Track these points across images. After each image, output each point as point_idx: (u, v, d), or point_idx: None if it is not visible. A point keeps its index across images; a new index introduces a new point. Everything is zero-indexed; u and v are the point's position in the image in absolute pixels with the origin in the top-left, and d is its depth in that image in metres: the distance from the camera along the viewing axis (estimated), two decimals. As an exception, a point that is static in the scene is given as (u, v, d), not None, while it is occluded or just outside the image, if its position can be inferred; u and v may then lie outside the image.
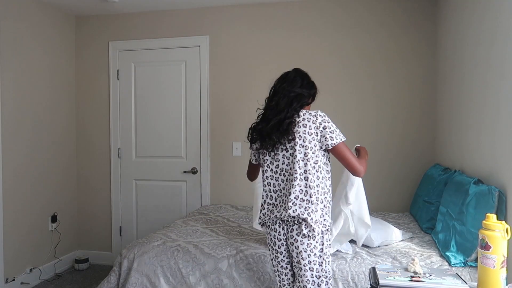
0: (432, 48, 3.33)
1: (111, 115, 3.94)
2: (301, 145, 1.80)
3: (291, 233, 1.79)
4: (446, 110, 3.05)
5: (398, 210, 3.38)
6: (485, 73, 2.27)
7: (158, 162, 3.87)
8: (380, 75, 3.42)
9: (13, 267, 3.25)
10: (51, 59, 3.69)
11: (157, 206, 3.87)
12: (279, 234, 1.84)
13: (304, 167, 1.79)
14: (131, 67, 3.90)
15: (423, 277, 1.47)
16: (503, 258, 1.39)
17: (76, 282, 3.55)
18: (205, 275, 2.18)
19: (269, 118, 1.87)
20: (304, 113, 1.84)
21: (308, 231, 1.76)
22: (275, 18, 3.59)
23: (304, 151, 1.79)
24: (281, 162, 1.86)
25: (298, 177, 1.78)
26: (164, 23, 3.81)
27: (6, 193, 3.19)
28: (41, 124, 3.57)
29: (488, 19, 2.24)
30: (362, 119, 3.46)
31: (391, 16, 3.39)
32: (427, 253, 2.24)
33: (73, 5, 3.66)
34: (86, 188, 4.04)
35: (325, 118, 1.83)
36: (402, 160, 3.39)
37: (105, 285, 2.34)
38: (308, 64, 3.49)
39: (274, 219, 1.85)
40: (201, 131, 3.76)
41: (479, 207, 2.02)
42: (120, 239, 3.96)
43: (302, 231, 1.76)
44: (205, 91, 3.74)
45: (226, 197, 3.72)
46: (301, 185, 1.78)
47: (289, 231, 1.81)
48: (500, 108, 2.05)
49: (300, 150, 1.80)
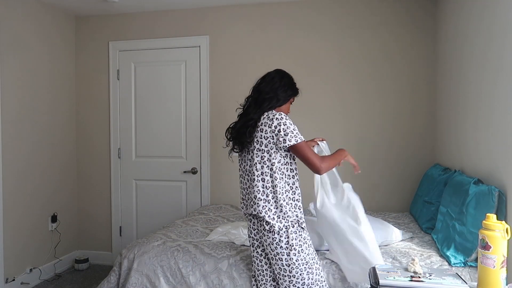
0: (433, 48, 3.33)
1: (111, 115, 3.94)
2: (258, 149, 1.90)
3: (260, 227, 1.95)
4: (446, 110, 3.05)
5: (398, 210, 3.38)
6: (485, 73, 2.27)
7: (158, 162, 3.87)
8: (381, 74, 3.42)
9: (13, 267, 3.25)
10: (51, 59, 3.69)
11: (157, 206, 3.87)
12: (253, 224, 2.00)
13: (261, 169, 1.90)
14: (131, 67, 3.90)
15: (423, 277, 1.47)
16: (503, 258, 1.39)
17: (76, 282, 3.55)
18: (205, 275, 2.18)
19: (239, 119, 2.00)
20: (263, 117, 1.91)
21: (270, 227, 1.89)
22: (275, 18, 3.59)
23: (261, 154, 1.90)
24: (245, 163, 2.00)
25: (256, 178, 1.91)
26: (164, 23, 3.81)
27: (7, 193, 3.19)
28: (41, 124, 3.57)
29: (488, 18, 2.25)
30: (362, 120, 3.45)
31: (392, 14, 3.39)
32: (427, 253, 2.23)
33: (73, 5, 3.66)
34: (86, 188, 4.04)
35: (282, 121, 1.85)
36: (402, 160, 3.39)
37: (105, 285, 2.34)
38: (309, 64, 3.51)
39: (246, 214, 2.02)
40: (201, 131, 3.76)
41: (479, 207, 2.02)
42: (120, 239, 3.96)
43: (265, 227, 1.91)
44: (205, 91, 3.74)
45: (226, 197, 3.72)
46: (258, 186, 1.90)
47: (258, 226, 1.97)
48: (500, 108, 2.05)
49: (257, 153, 1.90)
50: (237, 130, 1.97)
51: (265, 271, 2.01)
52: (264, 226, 1.90)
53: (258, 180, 1.90)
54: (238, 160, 2.07)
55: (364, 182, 3.45)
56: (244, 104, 2.03)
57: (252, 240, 2.02)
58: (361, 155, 3.44)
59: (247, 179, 1.98)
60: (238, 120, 2.02)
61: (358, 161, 3.42)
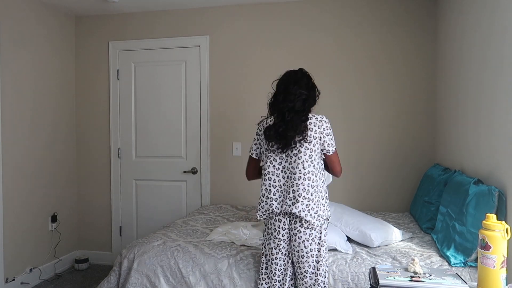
0: (433, 48, 3.33)
1: (111, 115, 3.94)
2: (306, 147, 1.95)
3: (294, 224, 1.95)
4: (446, 110, 3.05)
5: (398, 210, 3.38)
6: (485, 73, 2.26)
7: (158, 162, 3.87)
8: (382, 74, 3.42)
9: (13, 267, 3.25)
10: (51, 59, 3.69)
11: (157, 206, 3.87)
12: (283, 224, 1.97)
13: (308, 168, 1.94)
14: (131, 67, 3.90)
15: (423, 277, 1.47)
16: (503, 258, 1.39)
17: (76, 282, 3.55)
18: (205, 275, 2.18)
19: (288, 120, 1.95)
20: (311, 117, 1.98)
21: (308, 224, 1.93)
22: (275, 17, 3.59)
23: (309, 153, 1.95)
24: (284, 161, 1.98)
25: (302, 176, 1.93)
26: (164, 23, 3.81)
27: (6, 193, 3.19)
28: (41, 124, 3.57)
29: (488, 18, 2.25)
30: (362, 120, 3.46)
31: (393, 14, 3.39)
32: (427, 253, 2.23)
33: (73, 5, 3.66)
34: (86, 188, 4.04)
35: (329, 125, 2.00)
36: (402, 160, 3.39)
37: (105, 285, 2.35)
38: (309, 64, 3.49)
39: (276, 212, 1.97)
40: (201, 131, 3.76)
41: (479, 207, 2.02)
42: (120, 239, 3.96)
43: (302, 224, 1.93)
44: (205, 91, 3.74)
45: (226, 197, 3.72)
46: (304, 184, 1.92)
47: (292, 223, 1.96)
48: (500, 108, 2.05)
49: (305, 152, 1.95)
50: (292, 129, 1.93)
51: (289, 273, 2.00)
52: (301, 223, 1.93)
53: (304, 178, 1.92)
54: (269, 156, 1.99)
55: (364, 182, 3.46)
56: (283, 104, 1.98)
57: (278, 241, 1.98)
58: (362, 154, 3.45)
59: (287, 177, 1.96)
60: (282, 120, 1.96)
61: (358, 160, 3.46)
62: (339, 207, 2.64)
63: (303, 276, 1.96)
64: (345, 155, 3.45)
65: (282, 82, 2.04)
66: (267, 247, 2.04)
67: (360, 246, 2.36)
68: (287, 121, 1.95)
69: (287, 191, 1.95)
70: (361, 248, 2.32)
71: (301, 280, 1.97)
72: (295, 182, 1.93)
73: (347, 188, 3.48)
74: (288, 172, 1.96)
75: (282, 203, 1.96)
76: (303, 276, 1.96)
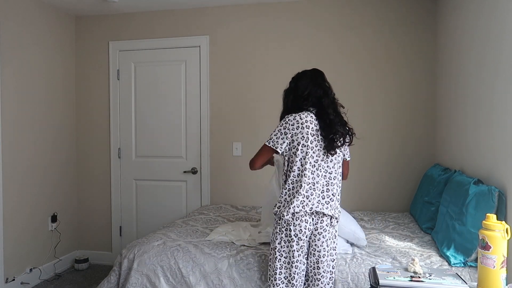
0: (433, 48, 3.33)
1: (111, 115, 3.94)
2: (340, 150, 2.00)
3: (321, 224, 1.92)
4: (446, 110, 3.05)
5: (398, 210, 3.38)
6: (485, 73, 2.27)
7: (158, 162, 3.87)
8: (382, 74, 3.42)
9: (13, 267, 3.25)
10: (51, 59, 3.69)
11: (157, 206, 3.87)
12: (309, 224, 1.92)
13: (339, 169, 2.00)
14: (131, 67, 3.90)
15: (423, 277, 1.47)
16: (503, 258, 1.39)
17: (76, 282, 3.55)
18: (205, 275, 2.18)
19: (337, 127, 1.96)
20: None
21: (332, 220, 1.95)
22: (275, 18, 3.59)
23: (342, 156, 2.03)
24: (324, 162, 1.95)
25: (337, 177, 1.98)
26: (164, 23, 3.81)
27: (7, 193, 3.19)
28: (41, 124, 3.57)
29: (488, 18, 2.25)
30: (362, 120, 3.45)
31: (393, 13, 3.38)
32: (427, 253, 2.24)
33: (73, 5, 3.66)
34: (86, 188, 4.04)
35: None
36: (402, 160, 3.39)
37: (105, 285, 2.34)
38: (309, 63, 3.50)
39: (308, 212, 1.91)
40: (201, 131, 3.76)
41: (479, 207, 2.02)
42: (120, 239, 3.96)
43: (331, 222, 1.95)
44: (205, 91, 3.74)
45: (226, 197, 3.72)
46: (338, 185, 1.99)
47: (318, 222, 1.93)
48: (500, 108, 2.05)
49: (339, 154, 2.00)
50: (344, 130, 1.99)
51: (303, 275, 1.94)
52: (331, 222, 1.94)
53: (338, 179, 1.99)
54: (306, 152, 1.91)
55: (364, 182, 3.45)
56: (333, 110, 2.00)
57: (302, 243, 1.90)
58: (362, 155, 3.44)
59: (328, 177, 1.95)
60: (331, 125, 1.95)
61: (358, 161, 3.45)
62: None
63: (320, 276, 1.91)
64: (345, 155, 3.46)
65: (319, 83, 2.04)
66: (286, 249, 1.90)
67: (360, 247, 2.36)
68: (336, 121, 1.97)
69: (321, 189, 1.93)
70: (360, 248, 2.32)
71: (317, 280, 1.91)
72: (331, 181, 1.94)
73: (347, 188, 3.47)
74: (323, 171, 1.94)
75: (318, 203, 1.91)
76: (320, 276, 1.91)
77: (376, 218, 3.04)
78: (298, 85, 2.04)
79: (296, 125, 1.92)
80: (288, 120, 1.94)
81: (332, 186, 1.95)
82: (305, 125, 1.91)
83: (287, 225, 1.90)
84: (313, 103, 1.99)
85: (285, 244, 1.91)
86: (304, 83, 2.02)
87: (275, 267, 1.92)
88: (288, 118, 1.95)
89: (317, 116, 1.96)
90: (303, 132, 1.91)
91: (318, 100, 1.99)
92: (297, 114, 1.95)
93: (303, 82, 2.03)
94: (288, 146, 1.95)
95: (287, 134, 1.94)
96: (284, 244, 1.91)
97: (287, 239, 1.90)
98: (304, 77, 2.05)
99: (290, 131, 1.93)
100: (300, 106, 1.99)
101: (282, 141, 1.94)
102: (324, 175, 1.94)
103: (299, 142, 1.92)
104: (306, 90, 2.00)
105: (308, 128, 1.91)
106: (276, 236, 1.93)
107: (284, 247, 1.91)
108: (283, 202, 1.93)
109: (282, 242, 1.91)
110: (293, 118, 1.94)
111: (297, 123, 1.92)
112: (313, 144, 1.92)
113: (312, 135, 1.92)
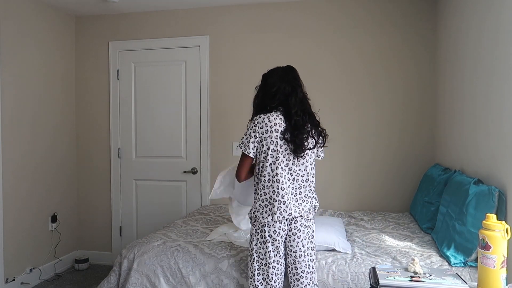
0: (432, 48, 3.33)
1: (111, 115, 3.94)
2: (312, 150, 1.97)
3: (295, 224, 1.92)
4: (445, 110, 3.05)
5: (398, 210, 3.37)
6: (485, 73, 2.26)
7: (158, 162, 3.87)
8: (380, 76, 3.42)
9: (13, 267, 3.25)
10: (51, 59, 3.69)
11: (157, 206, 3.87)
12: (284, 225, 1.91)
13: (312, 170, 1.99)
14: (131, 67, 3.90)
15: (423, 277, 1.47)
16: (503, 258, 1.39)
17: (76, 282, 3.55)
18: (205, 275, 2.18)
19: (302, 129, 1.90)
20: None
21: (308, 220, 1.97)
22: (275, 18, 3.59)
23: (313, 156, 1.99)
24: (291, 162, 1.92)
25: (310, 178, 1.97)
26: (164, 23, 3.81)
27: (6, 193, 3.19)
28: (41, 124, 3.57)
29: (487, 18, 2.25)
30: (362, 120, 3.45)
31: (390, 16, 3.39)
32: (427, 253, 2.24)
33: (73, 5, 3.66)
34: (86, 188, 4.04)
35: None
36: (402, 160, 3.39)
37: (105, 285, 2.34)
38: (308, 64, 3.51)
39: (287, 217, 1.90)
40: (201, 131, 3.76)
41: (479, 207, 2.02)
42: (120, 239, 3.96)
43: (305, 222, 1.95)
44: (205, 91, 3.74)
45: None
46: (312, 186, 1.98)
47: (292, 223, 1.92)
48: (500, 108, 2.05)
49: (311, 155, 1.98)
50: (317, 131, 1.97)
51: (282, 275, 1.95)
52: (302, 222, 1.93)
53: (311, 180, 1.98)
54: (274, 159, 1.88)
55: (364, 182, 3.45)
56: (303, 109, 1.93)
57: (277, 244, 1.90)
58: (361, 155, 3.44)
59: (301, 180, 1.94)
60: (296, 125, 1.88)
61: (358, 161, 3.45)
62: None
63: (299, 277, 1.92)
64: (345, 155, 3.45)
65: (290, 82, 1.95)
66: (262, 251, 1.92)
67: (360, 247, 2.36)
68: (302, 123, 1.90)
69: (293, 193, 1.92)
70: (360, 248, 2.32)
71: (296, 281, 1.92)
72: (303, 184, 1.94)
73: (347, 188, 3.48)
74: (295, 174, 1.92)
75: (294, 206, 1.89)
76: (299, 277, 1.92)
77: (376, 218, 3.04)
78: (267, 81, 1.99)
79: (265, 128, 1.88)
80: (257, 123, 1.90)
81: (305, 188, 1.95)
82: (274, 129, 1.87)
83: (262, 227, 1.91)
84: (280, 100, 1.92)
85: (261, 246, 1.92)
86: (273, 79, 1.97)
87: (253, 268, 1.95)
88: (257, 121, 1.91)
89: (284, 116, 1.90)
90: (272, 136, 1.87)
91: (286, 98, 1.92)
92: (265, 116, 1.90)
93: (272, 79, 1.97)
94: (259, 150, 1.91)
95: (256, 137, 1.90)
96: (260, 246, 1.93)
97: (262, 240, 1.92)
98: (274, 73, 2.00)
99: (259, 134, 1.89)
100: (268, 104, 1.94)
101: (253, 145, 1.90)
102: (296, 178, 1.92)
103: (269, 146, 1.87)
104: (274, 87, 1.94)
105: (277, 132, 1.87)
106: (253, 238, 1.96)
107: (260, 248, 1.93)
108: (258, 208, 1.91)
109: (258, 244, 1.93)
110: (262, 121, 1.89)
111: (266, 126, 1.87)
112: (283, 148, 1.88)
113: (281, 139, 1.87)
